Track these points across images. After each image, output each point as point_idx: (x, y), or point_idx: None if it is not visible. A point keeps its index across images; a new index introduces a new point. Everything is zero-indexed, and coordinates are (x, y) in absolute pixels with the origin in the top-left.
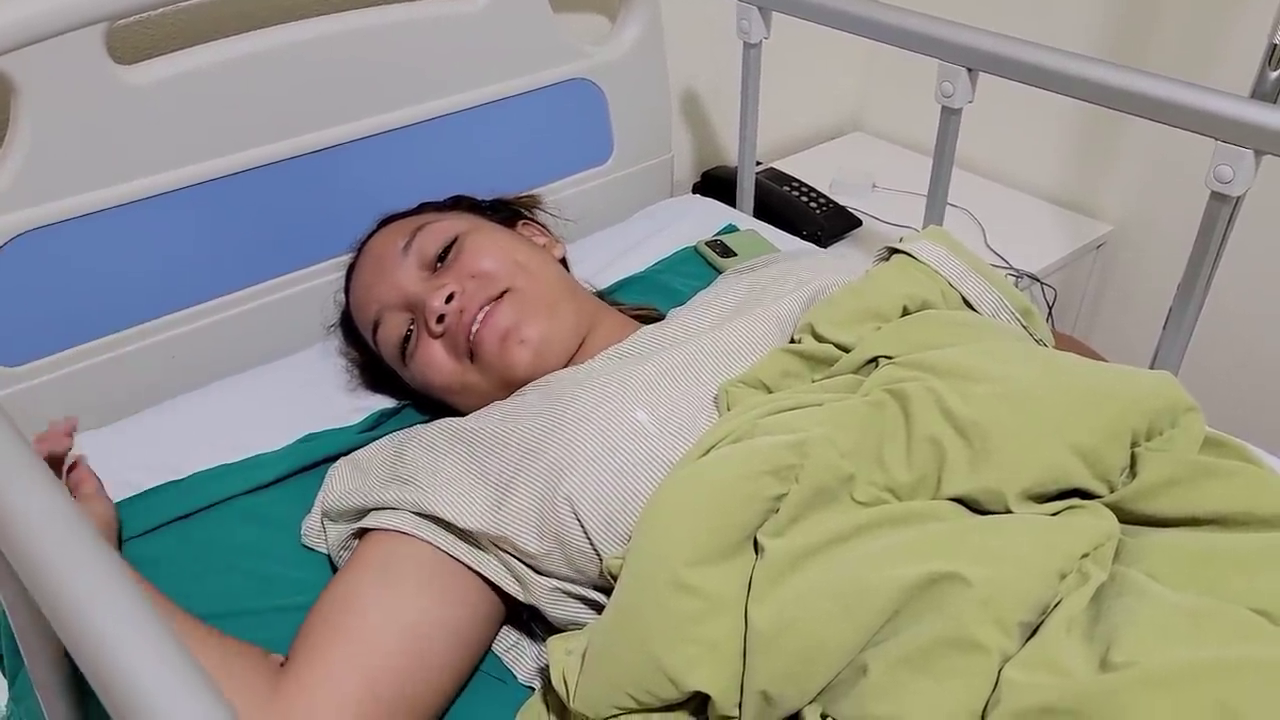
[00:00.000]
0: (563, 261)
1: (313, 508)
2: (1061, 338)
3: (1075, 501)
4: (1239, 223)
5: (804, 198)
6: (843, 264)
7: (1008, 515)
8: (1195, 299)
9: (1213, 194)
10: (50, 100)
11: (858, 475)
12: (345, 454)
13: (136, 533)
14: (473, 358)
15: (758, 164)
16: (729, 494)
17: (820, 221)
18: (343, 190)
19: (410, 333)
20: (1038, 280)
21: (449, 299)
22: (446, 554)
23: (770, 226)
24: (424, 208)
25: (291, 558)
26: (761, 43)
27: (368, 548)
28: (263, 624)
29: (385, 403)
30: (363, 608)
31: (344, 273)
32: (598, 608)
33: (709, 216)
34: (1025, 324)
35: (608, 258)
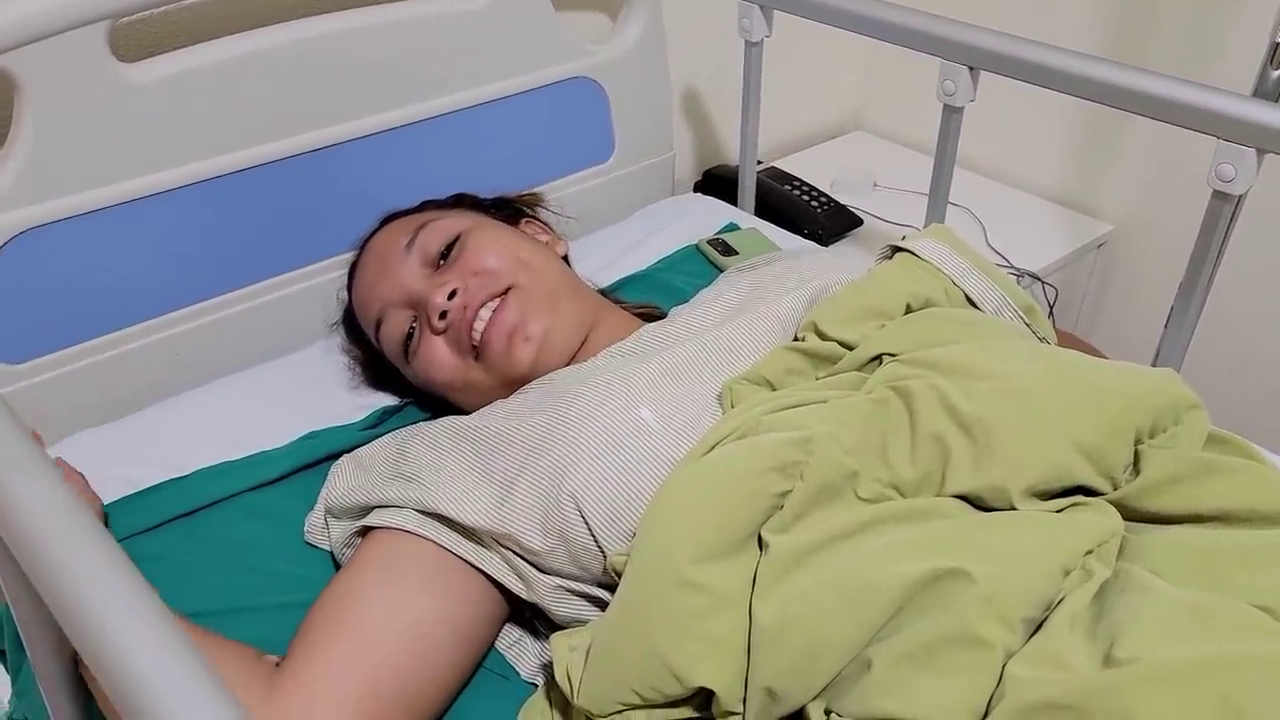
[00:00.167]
0: (565, 259)
1: (315, 505)
2: (1063, 336)
3: (1079, 499)
4: (1241, 221)
5: (805, 196)
6: (845, 262)
7: (1012, 512)
8: (1197, 298)
9: (1214, 193)
10: (53, 98)
11: (862, 472)
12: (347, 452)
13: (139, 529)
14: (476, 355)
15: (759, 163)
16: (734, 490)
17: (821, 220)
18: (345, 188)
19: (413, 330)
20: (1039, 279)
21: (451, 296)
22: (449, 552)
23: (771, 225)
24: (426, 206)
25: (294, 555)
26: (763, 41)
27: (370, 546)
28: (265, 621)
29: (388, 400)
30: (364, 605)
31: (346, 270)
32: (601, 605)
33: (710, 215)
34: (1028, 322)
35: (609, 256)
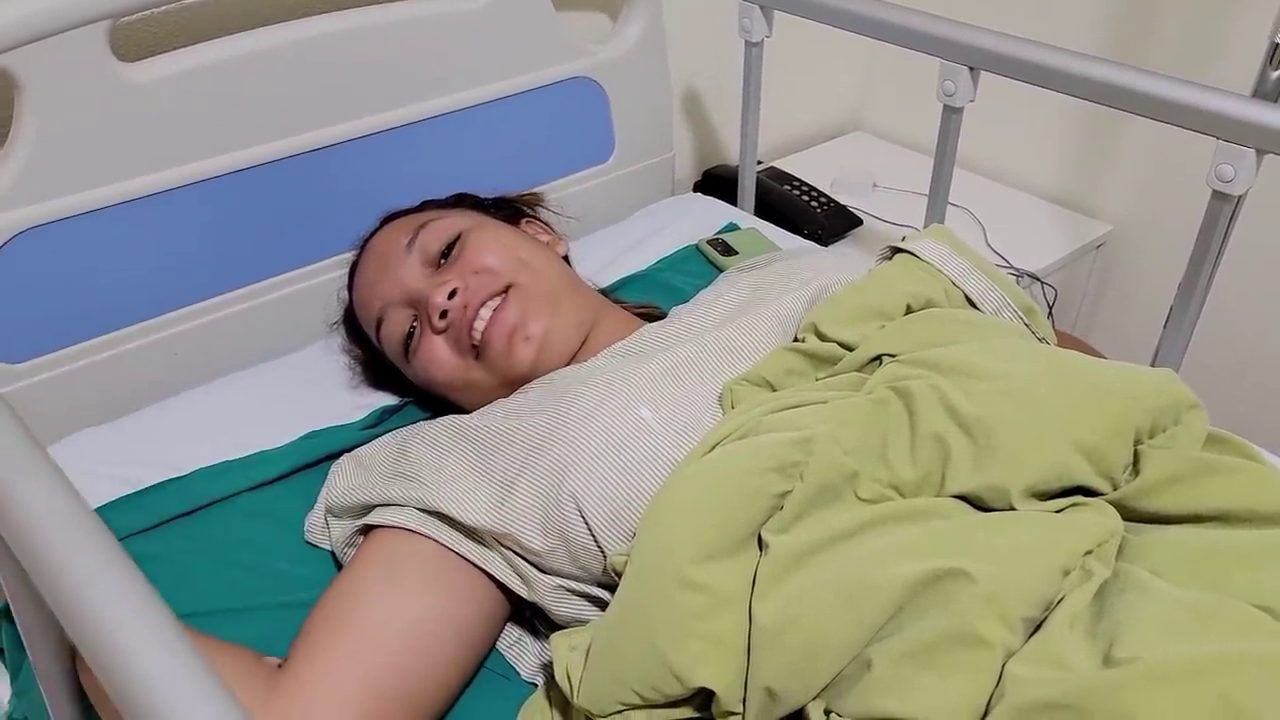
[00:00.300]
0: (565, 259)
1: (316, 504)
2: (1063, 336)
3: (1079, 499)
4: (1240, 222)
5: (805, 197)
6: (845, 263)
7: (1011, 512)
8: (1196, 298)
9: (1214, 193)
10: (53, 97)
11: (862, 472)
12: (347, 451)
13: (138, 529)
14: (476, 354)
15: (759, 163)
16: (734, 490)
17: (821, 220)
18: (345, 188)
19: (413, 329)
20: (1038, 279)
21: (452, 295)
22: (451, 551)
23: (771, 225)
24: (427, 205)
25: (294, 554)
26: (763, 41)
27: (371, 545)
28: (265, 621)
29: (388, 400)
30: (366, 605)
31: (347, 270)
32: (601, 605)
33: (710, 215)
34: (1028, 322)
35: (609, 256)
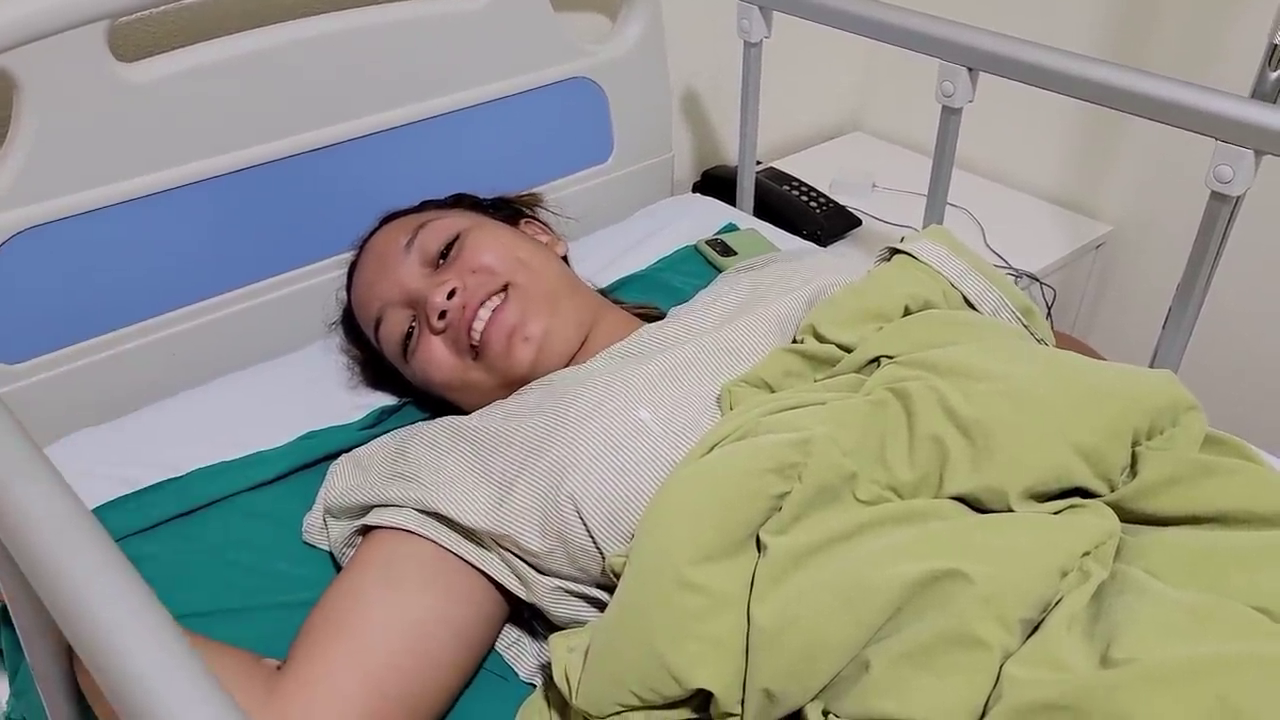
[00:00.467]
0: (564, 259)
1: (314, 505)
2: (1061, 337)
3: (1076, 500)
4: (1238, 222)
5: (804, 197)
6: (844, 264)
7: (1009, 514)
8: (1195, 299)
9: (1212, 194)
10: (52, 98)
11: (860, 474)
12: (346, 451)
13: (136, 529)
14: (475, 355)
15: (758, 163)
16: (732, 491)
17: (820, 221)
18: (344, 188)
19: (412, 329)
20: (1037, 280)
21: (451, 295)
22: (450, 552)
23: (770, 226)
24: (426, 205)
25: (293, 554)
26: (762, 42)
27: (370, 546)
28: (264, 621)
29: (386, 400)
30: (366, 606)
31: (345, 270)
32: (600, 606)
33: (709, 215)
34: (1026, 323)
35: (608, 256)
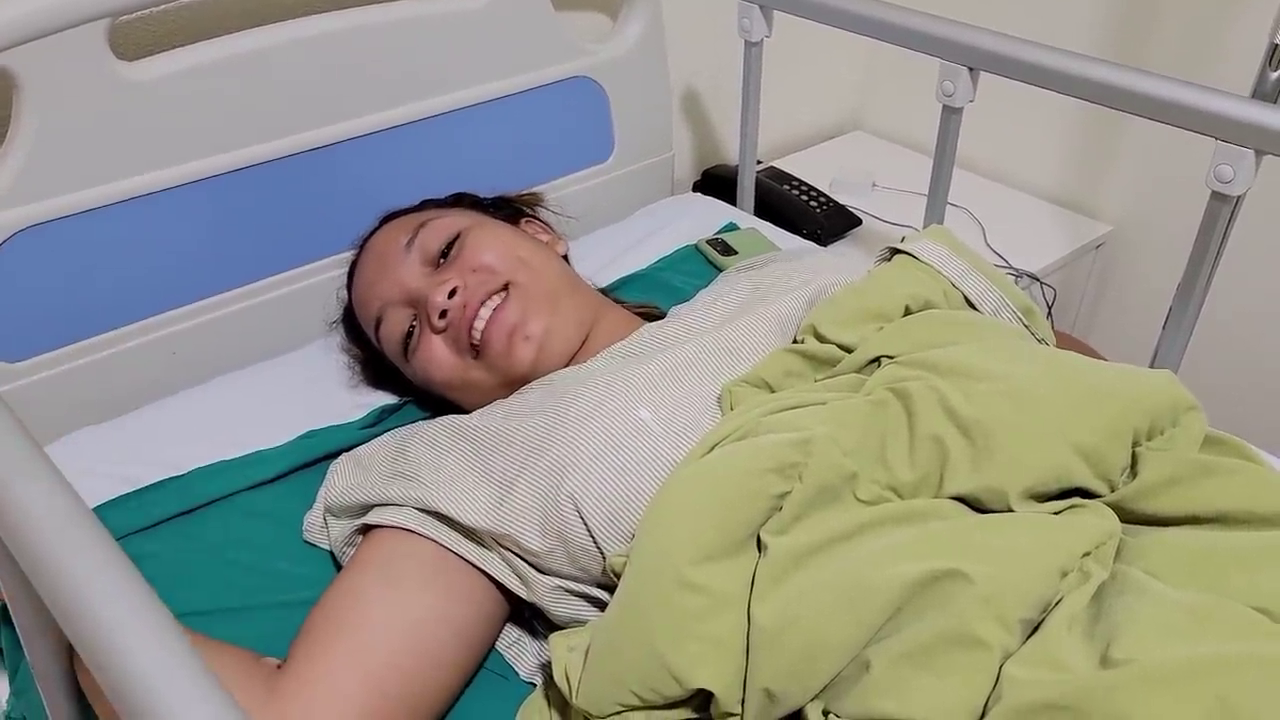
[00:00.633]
0: (565, 258)
1: (314, 504)
2: (1062, 337)
3: (1077, 501)
4: (1239, 223)
5: (804, 196)
6: (844, 264)
7: (1010, 514)
8: (1195, 299)
9: (1213, 194)
10: (53, 96)
11: (861, 474)
12: (346, 450)
13: (137, 528)
14: (476, 354)
15: (758, 162)
16: (733, 491)
17: (820, 220)
18: (344, 187)
19: (413, 329)
20: (1037, 280)
21: (452, 294)
22: (450, 551)
23: (771, 225)
24: (426, 205)
25: (293, 553)
26: (763, 41)
27: (371, 545)
28: (264, 620)
29: (387, 399)
30: (366, 605)
31: (346, 269)
32: (600, 605)
33: (710, 215)
34: (1027, 323)
35: (609, 255)
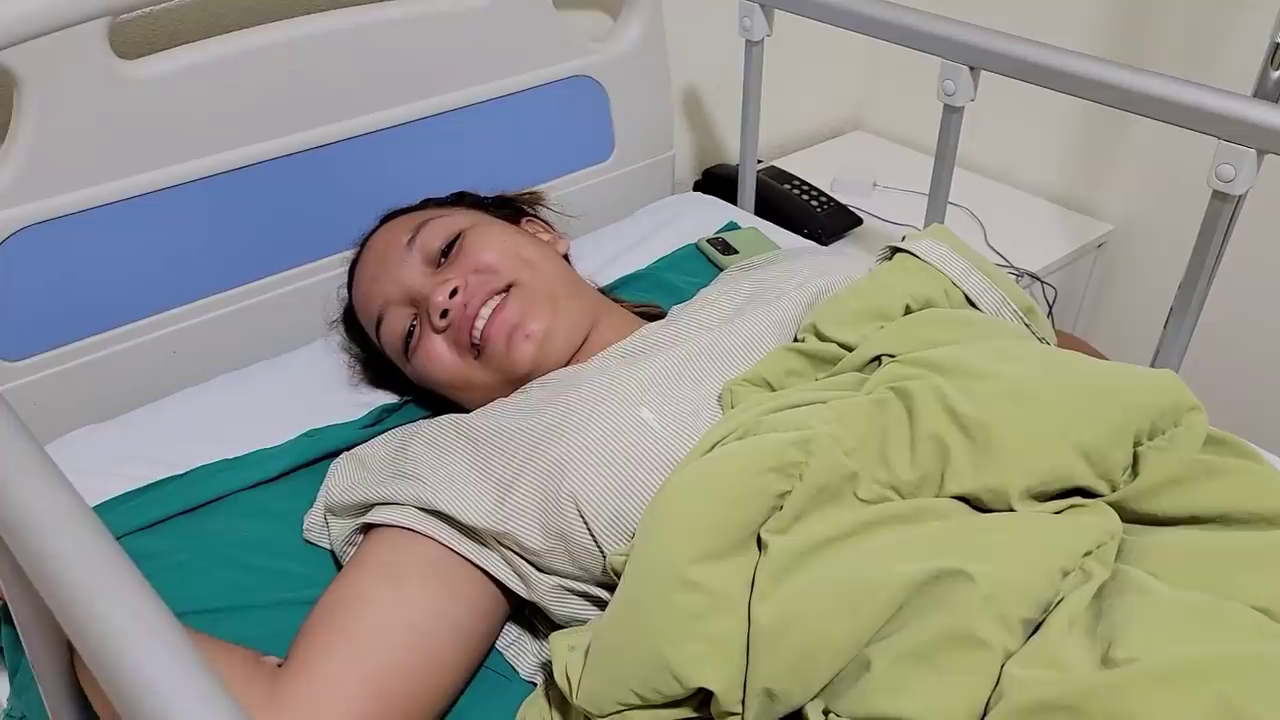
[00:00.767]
0: (565, 258)
1: (315, 503)
2: (1063, 337)
3: (1078, 500)
4: (1240, 222)
5: (805, 196)
6: (845, 263)
7: (1010, 513)
8: (1196, 298)
9: (1214, 193)
10: (53, 95)
11: (861, 473)
12: (347, 450)
13: (137, 527)
14: (477, 353)
15: (759, 162)
16: (733, 490)
17: (821, 220)
18: (345, 186)
19: (413, 328)
20: (1038, 279)
21: (453, 294)
22: (451, 550)
23: (771, 224)
24: (427, 204)
25: (294, 552)
26: (763, 40)
27: (371, 545)
28: (264, 619)
29: (387, 398)
30: (366, 605)
31: (347, 268)
32: (600, 604)
33: (710, 214)
34: (1028, 322)
35: (610, 255)
